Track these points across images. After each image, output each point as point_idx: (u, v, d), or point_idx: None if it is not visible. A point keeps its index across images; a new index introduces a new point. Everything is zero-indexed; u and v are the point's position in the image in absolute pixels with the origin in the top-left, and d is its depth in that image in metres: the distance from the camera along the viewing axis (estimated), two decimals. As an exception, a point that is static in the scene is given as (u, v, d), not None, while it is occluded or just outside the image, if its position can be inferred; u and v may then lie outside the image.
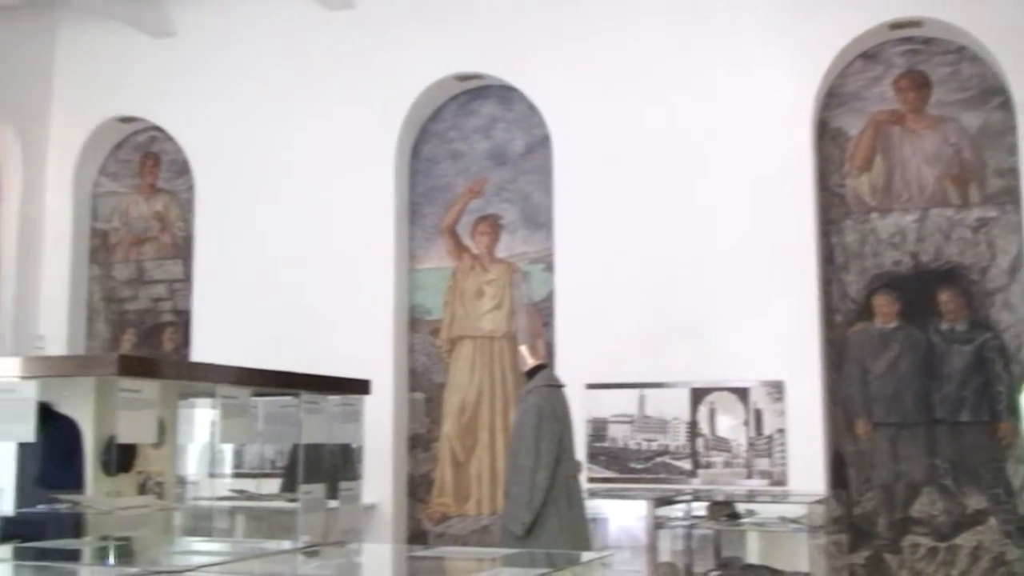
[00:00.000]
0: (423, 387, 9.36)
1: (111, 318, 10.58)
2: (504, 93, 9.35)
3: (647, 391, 8.39)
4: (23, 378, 4.26)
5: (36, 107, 10.53)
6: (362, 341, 9.06)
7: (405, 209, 9.52)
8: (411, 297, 9.47)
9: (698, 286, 8.34)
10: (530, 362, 6.54)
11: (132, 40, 10.24)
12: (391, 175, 9.37)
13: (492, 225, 9.35)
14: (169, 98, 10.22)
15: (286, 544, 4.01)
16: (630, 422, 8.42)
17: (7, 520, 4.72)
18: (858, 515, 8.11)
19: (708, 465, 8.23)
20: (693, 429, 8.28)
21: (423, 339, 9.42)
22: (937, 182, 8.25)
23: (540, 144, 9.17)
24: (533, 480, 6.04)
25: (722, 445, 8.22)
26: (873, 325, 8.26)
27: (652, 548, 7.19)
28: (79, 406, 4.69)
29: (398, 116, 9.39)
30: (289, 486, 6.25)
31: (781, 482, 8.02)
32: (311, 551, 3.64)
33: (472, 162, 9.47)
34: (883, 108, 8.42)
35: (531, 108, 9.15)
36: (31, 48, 10.46)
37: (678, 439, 8.30)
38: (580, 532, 6.23)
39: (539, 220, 9.16)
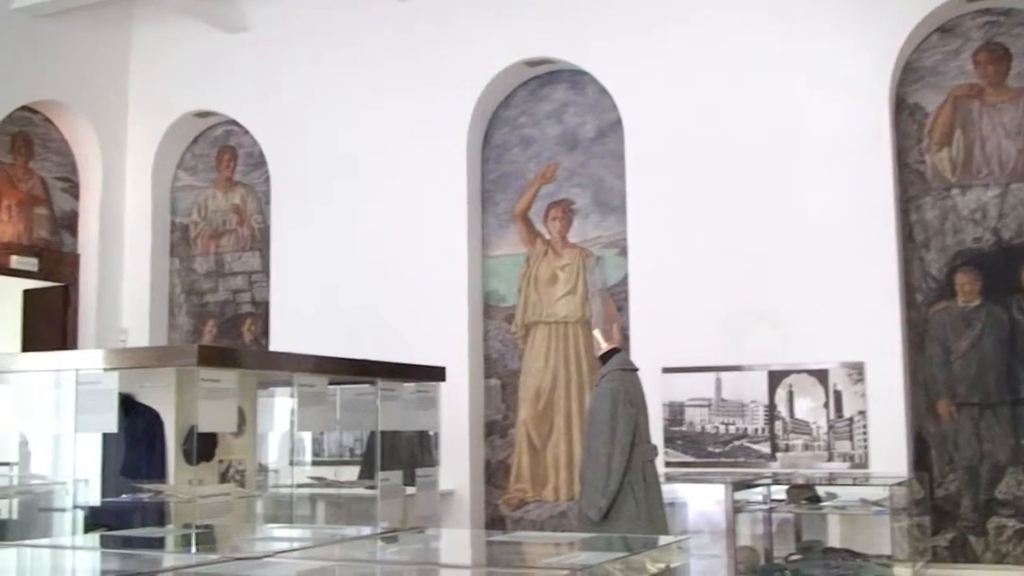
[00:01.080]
0: (498, 374, 9.39)
1: (192, 310, 10.76)
2: (575, 77, 9.32)
3: (724, 374, 8.33)
4: (106, 370, 4.35)
5: (114, 104, 10.74)
6: (437, 329, 9.11)
7: (477, 196, 9.54)
8: (485, 284, 9.49)
9: (775, 267, 8.25)
10: (604, 347, 6.52)
11: (206, 36, 10.38)
12: (463, 163, 9.40)
13: (564, 210, 9.34)
14: (243, 92, 10.35)
15: (365, 530, 4.05)
16: (707, 406, 8.37)
17: (93, 509, 4.84)
18: (941, 497, 7.98)
19: (787, 448, 8.15)
20: (771, 412, 8.20)
21: (497, 326, 9.44)
22: (1018, 156, 8.06)
23: (612, 128, 9.13)
24: (609, 465, 6.02)
25: (801, 428, 8.13)
26: (955, 304, 8.10)
27: (731, 532, 7.14)
28: (161, 397, 4.78)
29: (469, 104, 9.40)
30: (367, 473, 6.31)
31: (862, 464, 7.91)
32: (390, 536, 3.67)
33: (543, 147, 9.45)
34: (962, 82, 8.24)
35: (602, 92, 9.11)
36: (108, 45, 10.66)
37: (756, 422, 8.23)
38: (657, 516, 6.20)
39: (611, 204, 9.13)
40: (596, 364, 7.03)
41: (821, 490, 7.58)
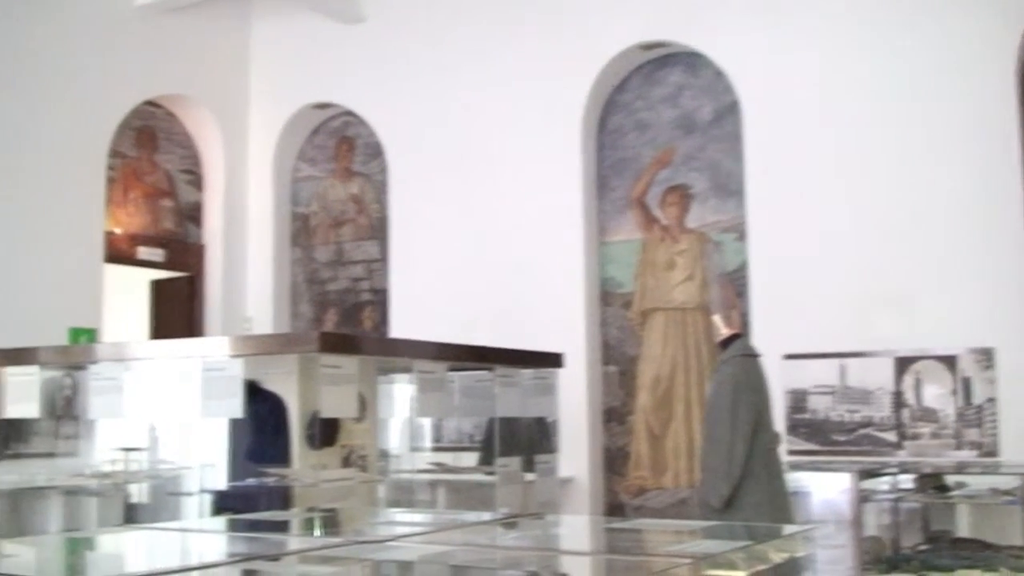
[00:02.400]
0: (616, 360, 9.34)
1: (314, 298, 10.94)
2: (690, 60, 9.20)
3: (849, 361, 8.14)
4: (231, 357, 4.43)
5: (235, 97, 10.96)
6: (554, 315, 9.10)
7: (593, 182, 9.49)
8: (602, 270, 9.44)
9: (901, 249, 8.02)
10: (724, 332, 6.42)
11: (324, 27, 10.53)
12: (578, 149, 9.36)
13: (681, 195, 9.23)
14: (361, 83, 10.47)
15: (485, 515, 4.05)
16: (831, 393, 8.19)
17: (220, 493, 4.94)
18: (1079, 487, 7.68)
19: (914, 436, 7.93)
20: (898, 399, 7.99)
21: (615, 312, 9.39)
22: None
23: (729, 110, 8.98)
24: (731, 452, 5.93)
25: (929, 416, 7.91)
26: (1092, 286, 7.78)
27: (857, 522, 6.99)
28: (284, 383, 4.85)
29: (584, 89, 9.36)
30: (486, 459, 6.33)
31: (992, 453, 7.66)
32: (509, 522, 3.67)
33: (659, 132, 9.35)
34: (1099, 55, 7.90)
35: (718, 74, 8.97)
36: (228, 39, 10.88)
37: (882, 410, 8.03)
38: (781, 505, 6.10)
39: (730, 188, 8.99)
40: (716, 350, 6.94)
41: (950, 479, 7.37)
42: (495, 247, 9.54)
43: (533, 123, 9.51)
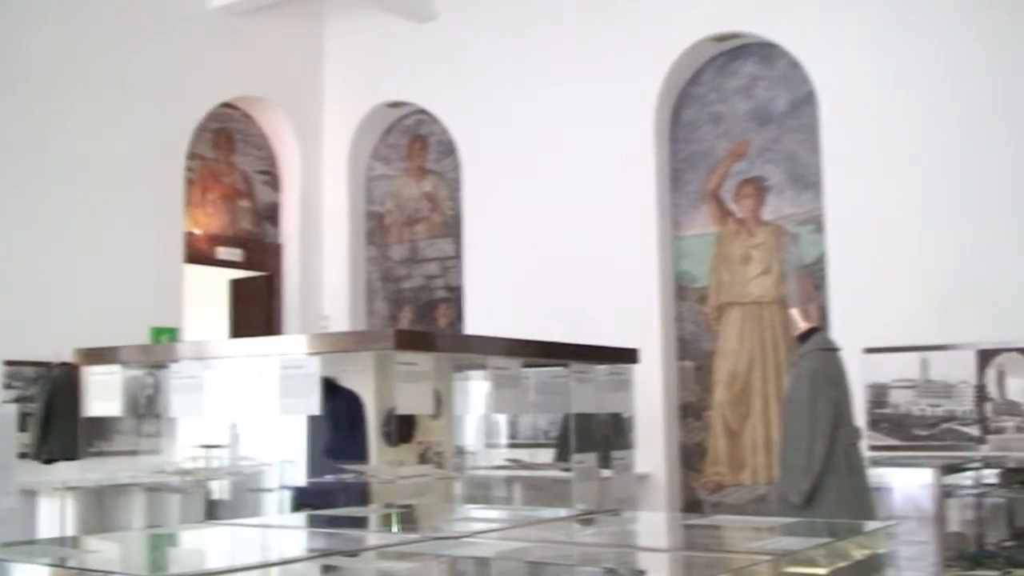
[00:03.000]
0: (692, 355, 9.27)
1: (389, 296, 11.01)
2: (764, 51, 9.09)
3: (930, 354, 7.99)
4: (309, 354, 4.47)
5: (309, 97, 11.07)
6: (629, 311, 9.06)
7: (667, 176, 9.43)
8: (676, 265, 9.38)
9: (982, 240, 7.85)
10: (802, 326, 6.33)
11: (397, 26, 10.59)
12: (651, 142, 9.30)
13: (757, 187, 9.13)
14: (433, 81, 10.51)
15: (561, 512, 4.05)
16: (913, 387, 8.05)
17: (299, 489, 4.99)
18: None
19: (998, 431, 7.76)
20: (981, 393, 7.83)
21: (690, 307, 9.32)
22: None
23: (804, 101, 8.86)
24: (810, 447, 5.85)
25: (1013, 409, 7.73)
26: None
27: (940, 518, 6.87)
28: (361, 380, 4.89)
29: (656, 83, 9.29)
30: (562, 455, 6.33)
31: (1082, 447, 7.47)
32: (586, 519, 3.66)
33: (734, 124, 9.26)
34: None
35: (793, 65, 8.85)
36: (302, 40, 11.00)
37: (964, 404, 7.87)
38: (863, 501, 6.00)
39: (806, 180, 8.87)
40: (793, 345, 6.85)
41: (1036, 474, 7.22)
42: (569, 243, 9.52)
43: (606, 118, 9.47)
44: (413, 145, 11.07)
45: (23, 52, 8.82)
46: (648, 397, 8.19)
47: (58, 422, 8.01)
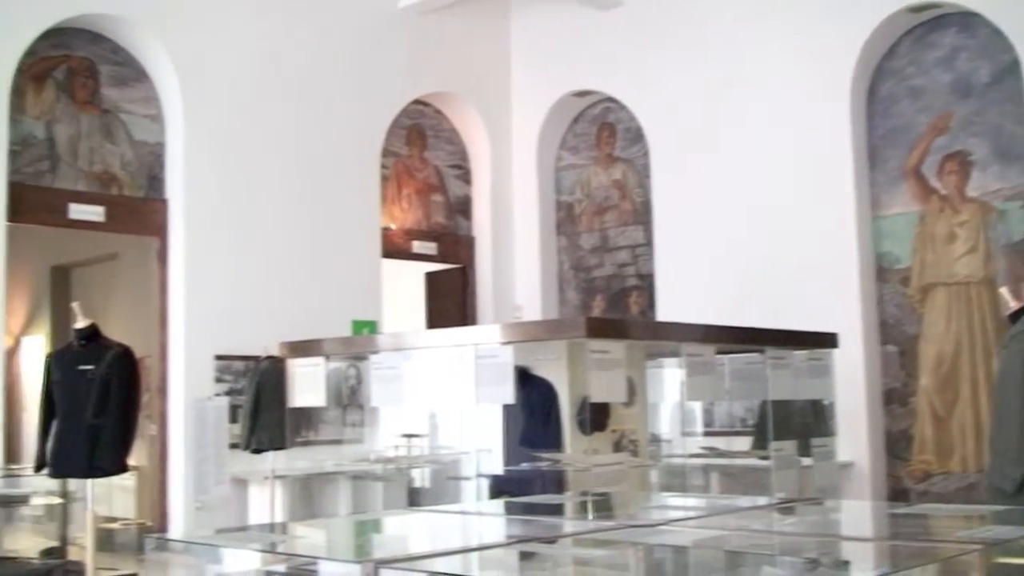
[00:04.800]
0: (895, 339, 8.95)
1: (580, 285, 11.05)
2: (964, 20, 8.69)
3: None
4: (503, 344, 4.52)
5: (498, 89, 11.20)
6: (827, 294, 8.83)
7: (864, 154, 9.13)
8: (876, 246, 9.07)
9: None
10: (1013, 305, 6.03)
11: (581, 15, 10.59)
12: (847, 120, 9.01)
13: (961, 163, 8.74)
14: (620, 68, 10.47)
15: (760, 501, 3.98)
16: None
17: (496, 477, 5.06)
18: None
19: None
20: None
21: (892, 289, 9.00)
22: None
23: (1008, 71, 8.43)
24: (1022, 432, 5.57)
25: None
26: None
27: None
28: (554, 369, 4.91)
29: (851, 58, 9.00)
30: (760, 443, 6.21)
31: None
32: (786, 507, 3.58)
33: (934, 97, 8.89)
34: None
35: (995, 33, 8.44)
36: (489, 34, 11.12)
37: None
38: (1082, 489, 5.67)
39: (1013, 153, 8.44)
40: (1005, 326, 6.53)
41: None
42: (762, 225, 9.33)
43: (798, 96, 9.24)
44: (601, 133, 11.06)
45: (224, 58, 9.21)
46: (849, 383, 7.96)
47: (266, 413, 8.34)
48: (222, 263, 9.01)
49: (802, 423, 5.59)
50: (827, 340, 5.63)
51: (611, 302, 10.78)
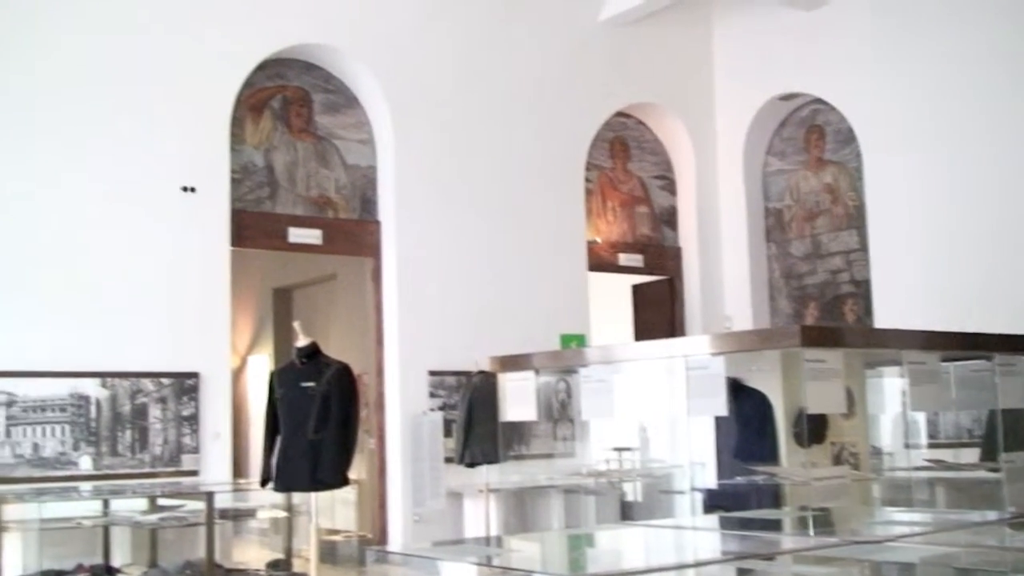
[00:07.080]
0: None
1: (792, 293, 10.78)
2: None
3: None
4: (713, 355, 4.44)
5: (701, 98, 11.07)
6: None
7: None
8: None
9: None
10: None
11: (783, 17, 10.37)
12: None
13: None
14: (826, 68, 10.19)
15: (990, 515, 3.77)
16: None
17: (710, 491, 4.97)
18: None
19: None
20: None
21: None
22: None
23: None
24: None
25: None
26: None
27: None
28: (767, 380, 4.80)
29: None
30: (989, 455, 5.90)
31: None
32: (1018, 522, 3.39)
33: None
34: None
35: None
36: (690, 42, 11.02)
37: None
38: None
39: None
40: None
41: None
42: (988, 225, 8.89)
43: (1011, 88, 8.77)
44: (809, 136, 10.78)
45: (430, 80, 9.42)
46: (1086, 390, 7.47)
47: (479, 427, 8.46)
48: (433, 281, 9.21)
49: (1036, 433, 5.29)
50: (1061, 345, 5.30)
51: (825, 310, 10.48)
